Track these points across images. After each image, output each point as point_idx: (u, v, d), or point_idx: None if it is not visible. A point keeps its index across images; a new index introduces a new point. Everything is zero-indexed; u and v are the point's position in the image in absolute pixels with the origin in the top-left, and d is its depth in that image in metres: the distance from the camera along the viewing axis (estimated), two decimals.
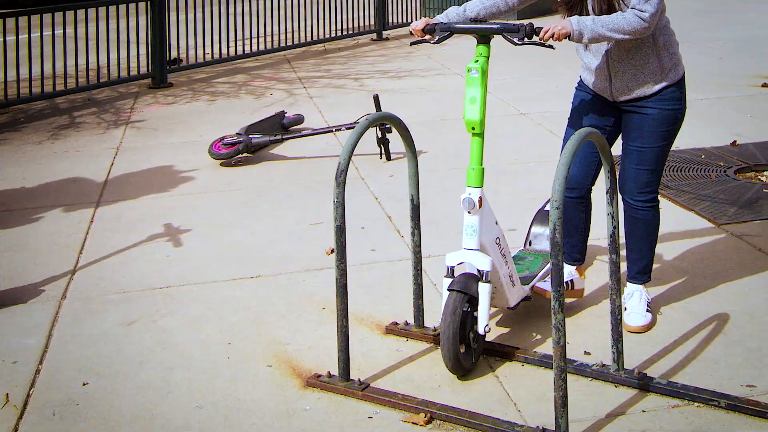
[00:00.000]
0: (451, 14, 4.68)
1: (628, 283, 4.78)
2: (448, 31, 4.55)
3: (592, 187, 4.87)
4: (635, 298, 4.75)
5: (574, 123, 4.83)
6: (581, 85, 4.86)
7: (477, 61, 4.33)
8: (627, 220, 4.74)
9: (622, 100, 4.61)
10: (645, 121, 4.59)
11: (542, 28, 4.36)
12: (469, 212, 4.29)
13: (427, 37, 4.64)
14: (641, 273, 4.80)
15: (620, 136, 4.80)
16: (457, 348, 4.14)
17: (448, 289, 4.23)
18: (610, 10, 4.41)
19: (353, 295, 4.63)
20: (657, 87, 4.54)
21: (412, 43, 4.96)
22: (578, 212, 4.86)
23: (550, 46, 4.46)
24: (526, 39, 4.35)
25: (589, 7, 4.50)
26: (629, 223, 4.73)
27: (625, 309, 4.68)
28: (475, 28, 4.46)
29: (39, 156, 8.29)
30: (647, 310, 4.73)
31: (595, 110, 4.76)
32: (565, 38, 4.35)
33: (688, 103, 4.69)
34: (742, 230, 6.01)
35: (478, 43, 4.41)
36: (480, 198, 4.28)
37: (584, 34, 4.32)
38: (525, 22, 4.38)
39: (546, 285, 4.66)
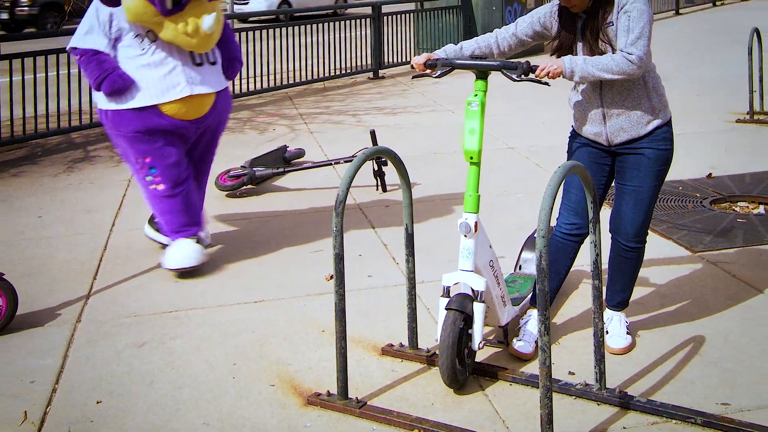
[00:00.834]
0: (449, 51, 4.72)
1: (608, 308, 4.79)
2: (450, 66, 4.58)
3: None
4: (615, 322, 4.77)
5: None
6: (574, 134, 4.83)
7: (476, 95, 4.37)
8: (615, 258, 4.73)
9: (617, 142, 4.59)
10: (641, 161, 4.58)
11: (538, 66, 4.40)
12: (465, 236, 4.33)
13: (429, 71, 4.67)
14: (622, 303, 4.82)
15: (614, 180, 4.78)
16: (454, 363, 4.17)
17: (446, 308, 4.26)
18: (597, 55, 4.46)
19: (351, 319, 4.64)
20: (650, 127, 4.55)
21: (413, 77, 5.00)
22: (573, 254, 4.79)
23: (545, 83, 4.51)
24: (523, 76, 4.39)
25: (579, 53, 4.55)
26: (617, 261, 4.72)
27: (607, 332, 4.70)
28: (477, 64, 4.49)
29: (55, 188, 8.29)
30: (627, 333, 4.76)
31: (590, 158, 4.71)
32: (559, 76, 4.40)
33: None
34: (717, 257, 6.03)
35: (477, 78, 4.45)
36: (476, 223, 4.32)
37: (576, 73, 4.36)
38: (522, 60, 4.43)
39: (520, 346, 4.66)
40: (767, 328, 4.92)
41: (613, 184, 4.78)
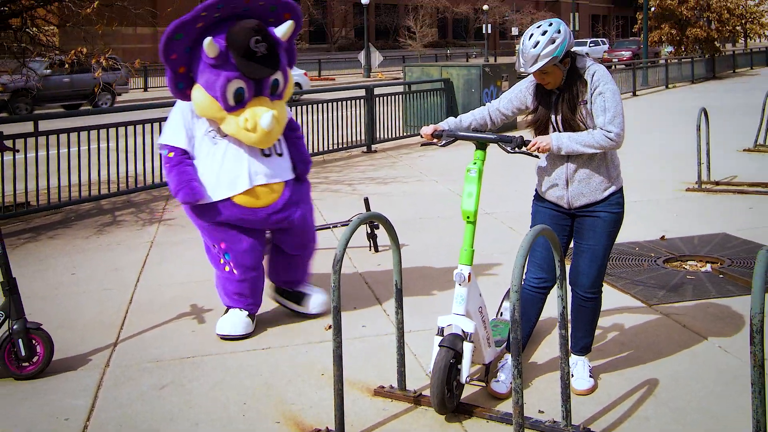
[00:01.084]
0: (450, 123, 4.81)
1: (573, 354, 4.83)
2: (453, 137, 4.70)
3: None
4: (580, 366, 4.81)
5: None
6: (538, 197, 4.88)
7: (475, 163, 4.49)
8: (576, 307, 4.77)
9: (577, 206, 4.67)
10: (597, 223, 4.65)
11: (530, 140, 4.52)
12: (459, 284, 4.43)
13: (435, 140, 4.78)
14: (585, 348, 4.86)
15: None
16: (444, 390, 4.25)
17: (439, 345, 4.34)
18: (570, 129, 4.56)
19: (347, 363, 4.64)
20: (606, 193, 4.62)
21: (422, 144, 5.13)
22: (541, 304, 4.84)
23: (536, 156, 4.63)
24: (516, 149, 4.50)
25: (555, 125, 4.64)
26: (577, 310, 4.76)
27: (573, 375, 4.75)
28: (477, 136, 4.61)
29: (86, 248, 8.32)
30: (590, 376, 4.80)
31: (553, 220, 4.77)
32: (548, 151, 4.50)
33: (626, 205, 4.78)
34: (669, 310, 6.07)
35: (477, 148, 4.57)
36: (469, 274, 4.44)
37: (562, 148, 4.47)
38: (516, 134, 4.56)
39: (497, 386, 4.71)
40: (713, 372, 4.97)
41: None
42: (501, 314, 5.53)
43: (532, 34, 4.50)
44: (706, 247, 7.72)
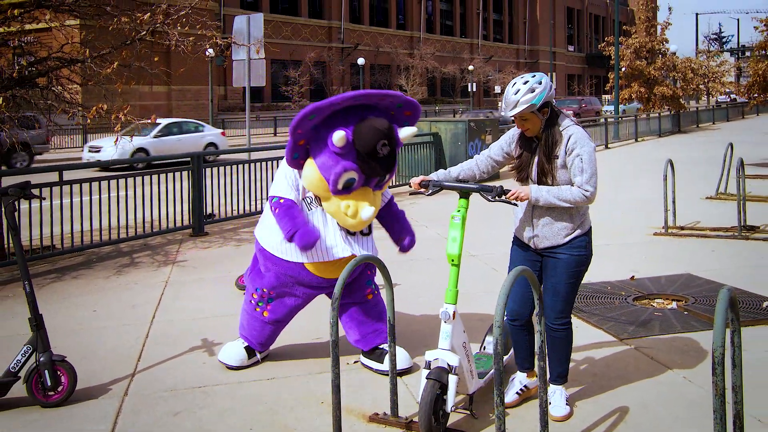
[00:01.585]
0: (440, 175, 4.91)
1: (550, 384, 4.87)
2: (439, 186, 4.77)
3: (532, 317, 4.88)
4: (557, 395, 4.85)
5: (511, 266, 4.95)
6: (515, 238, 4.97)
7: (459, 211, 4.55)
8: (548, 338, 4.80)
9: (542, 247, 4.76)
10: (558, 263, 4.73)
11: (510, 190, 4.59)
12: (445, 322, 4.46)
13: (423, 190, 4.86)
14: (560, 376, 4.89)
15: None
16: (431, 418, 4.26)
17: (426, 378, 4.37)
18: (544, 175, 4.65)
19: (345, 392, 4.68)
20: (567, 238, 4.70)
21: (410, 194, 5.18)
22: (522, 335, 4.94)
23: (514, 204, 4.69)
24: (497, 197, 4.57)
25: (533, 173, 4.73)
26: (550, 341, 4.80)
27: (550, 403, 4.79)
28: (461, 186, 4.68)
29: (106, 287, 8.34)
30: (566, 404, 4.84)
31: (525, 257, 4.88)
32: (526, 199, 4.59)
33: (598, 247, 4.84)
34: (638, 343, 6.11)
35: (461, 197, 4.62)
36: (454, 312, 4.47)
37: (540, 200, 4.58)
38: (497, 184, 4.64)
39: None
40: (678, 400, 5.01)
41: None
42: (484, 348, 5.56)
43: (515, 83, 4.64)
44: (672, 287, 7.77)
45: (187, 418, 4.87)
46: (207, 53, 36.24)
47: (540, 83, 4.58)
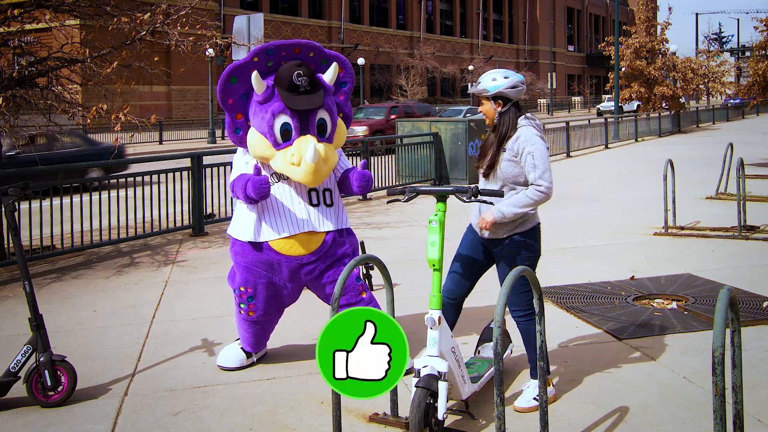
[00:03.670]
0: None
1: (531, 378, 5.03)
2: (415, 192, 4.77)
3: (465, 298, 5.11)
4: (531, 388, 4.96)
5: (459, 248, 5.12)
6: (469, 225, 5.14)
7: (437, 214, 4.51)
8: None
9: (485, 238, 4.96)
10: (501, 259, 4.93)
11: (486, 189, 4.64)
12: (431, 328, 4.40)
13: (399, 196, 4.87)
14: (533, 370, 5.01)
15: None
16: (422, 428, 4.20)
17: (416, 386, 4.29)
18: (492, 163, 4.85)
19: None
20: (505, 235, 4.86)
21: (388, 201, 5.16)
22: (451, 311, 5.03)
23: (491, 203, 4.71)
24: (472, 197, 4.59)
25: (485, 162, 4.93)
26: (520, 332, 5.01)
27: (522, 391, 4.98)
28: (435, 190, 4.66)
29: (107, 287, 8.35)
30: (534, 399, 4.87)
31: (472, 241, 5.06)
32: (492, 223, 4.78)
33: (598, 247, 4.86)
34: (638, 344, 6.11)
35: (438, 201, 4.61)
36: (439, 317, 4.39)
37: (506, 216, 4.71)
38: (472, 186, 4.65)
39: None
40: (678, 400, 5.01)
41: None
42: (479, 353, 5.54)
43: (493, 71, 4.95)
44: (672, 287, 7.77)
45: (187, 418, 4.87)
46: (207, 53, 36.20)
47: (505, 78, 4.86)
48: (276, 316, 5.84)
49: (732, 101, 61.28)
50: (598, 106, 52.59)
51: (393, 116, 30.00)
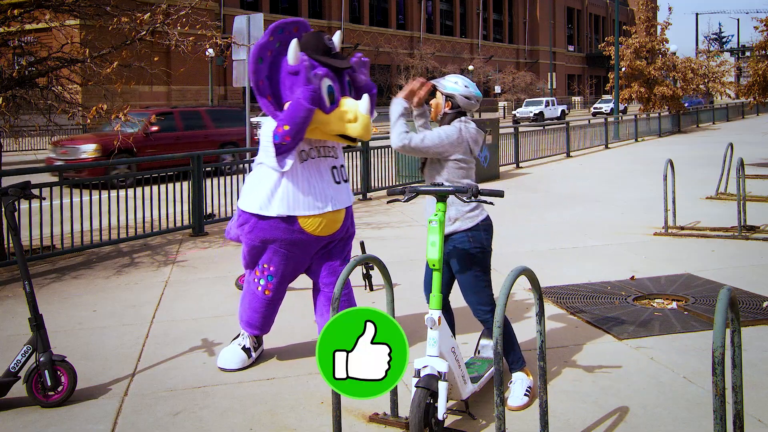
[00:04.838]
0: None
1: (511, 373, 5.10)
2: (415, 192, 4.76)
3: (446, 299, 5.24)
4: (518, 384, 4.99)
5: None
6: None
7: (436, 214, 4.50)
8: None
9: None
10: (450, 255, 4.98)
11: (486, 190, 4.61)
12: (431, 328, 4.40)
13: (399, 196, 4.86)
14: (513, 363, 5.07)
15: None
16: (422, 429, 4.20)
17: (416, 386, 4.29)
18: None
19: None
20: (447, 230, 4.93)
21: (388, 201, 5.14)
22: (444, 316, 5.05)
23: (491, 203, 4.69)
24: (473, 197, 4.58)
25: None
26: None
27: (511, 392, 4.99)
28: (434, 190, 4.66)
29: (107, 287, 8.35)
30: (525, 394, 4.90)
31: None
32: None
33: (598, 248, 4.86)
34: (638, 343, 6.11)
35: (437, 201, 4.61)
36: (439, 317, 4.38)
37: (393, 102, 4.97)
38: (473, 184, 4.65)
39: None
40: (678, 400, 5.01)
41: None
42: (479, 352, 5.54)
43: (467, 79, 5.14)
44: (672, 287, 7.77)
45: (187, 419, 4.87)
46: (207, 53, 36.24)
47: (465, 87, 5.03)
48: (284, 294, 5.88)
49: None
50: (592, 107, 52.79)
51: None
